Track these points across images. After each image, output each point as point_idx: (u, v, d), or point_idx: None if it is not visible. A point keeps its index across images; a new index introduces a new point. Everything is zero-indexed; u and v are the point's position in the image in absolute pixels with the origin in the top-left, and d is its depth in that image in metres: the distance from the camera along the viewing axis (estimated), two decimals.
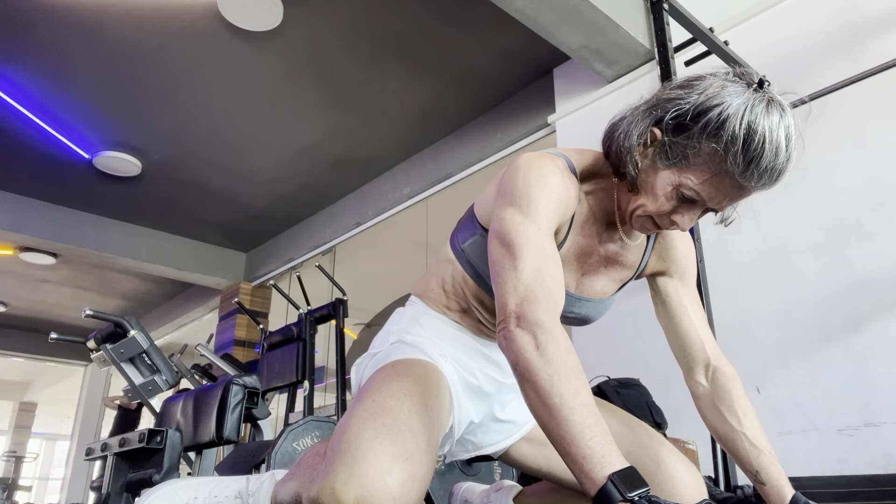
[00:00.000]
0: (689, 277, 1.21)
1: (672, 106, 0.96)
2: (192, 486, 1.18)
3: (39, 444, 12.43)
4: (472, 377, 1.14)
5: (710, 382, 1.15)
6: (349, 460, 0.80)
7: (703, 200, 0.95)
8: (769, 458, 1.05)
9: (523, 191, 0.98)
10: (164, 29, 3.21)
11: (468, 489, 1.52)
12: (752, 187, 0.92)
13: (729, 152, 0.89)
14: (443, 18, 3.14)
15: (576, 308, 1.12)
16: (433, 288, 1.19)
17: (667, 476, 1.07)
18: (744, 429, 1.08)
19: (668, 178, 0.96)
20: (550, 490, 1.29)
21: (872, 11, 2.28)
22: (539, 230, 0.95)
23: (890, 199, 2.11)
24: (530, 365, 0.83)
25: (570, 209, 1.02)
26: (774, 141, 0.88)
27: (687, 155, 0.93)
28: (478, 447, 1.22)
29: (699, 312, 1.18)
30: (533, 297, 0.89)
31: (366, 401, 0.91)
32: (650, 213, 1.00)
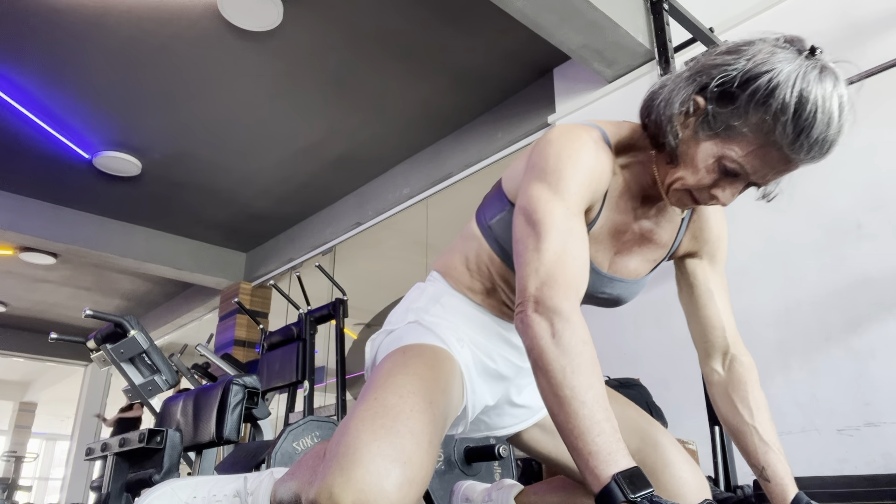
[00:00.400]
0: (719, 260, 1.16)
1: (718, 72, 0.90)
2: (190, 486, 1.17)
3: (39, 444, 12.43)
4: (491, 360, 1.12)
5: (726, 371, 1.13)
6: (347, 464, 0.80)
7: (747, 173, 0.91)
8: (777, 456, 1.03)
9: (554, 166, 0.94)
10: (164, 29, 3.21)
11: (469, 487, 1.52)
12: (801, 160, 0.87)
13: (778, 122, 0.84)
14: (443, 18, 3.14)
15: (608, 288, 1.08)
16: (456, 266, 1.14)
17: (673, 476, 1.07)
18: (755, 422, 1.06)
19: (710, 150, 0.91)
20: (552, 489, 1.29)
21: (872, 11, 2.28)
22: (568, 209, 0.92)
23: (890, 199, 2.11)
24: (545, 353, 0.83)
25: (604, 184, 0.98)
26: (827, 110, 0.83)
27: (732, 125, 0.88)
28: (490, 428, 1.21)
29: (725, 298, 1.14)
30: (553, 282, 0.87)
31: (368, 399, 0.90)
32: (689, 187, 0.95)
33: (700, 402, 1.98)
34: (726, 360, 1.13)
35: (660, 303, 2.63)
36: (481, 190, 1.17)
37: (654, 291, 2.69)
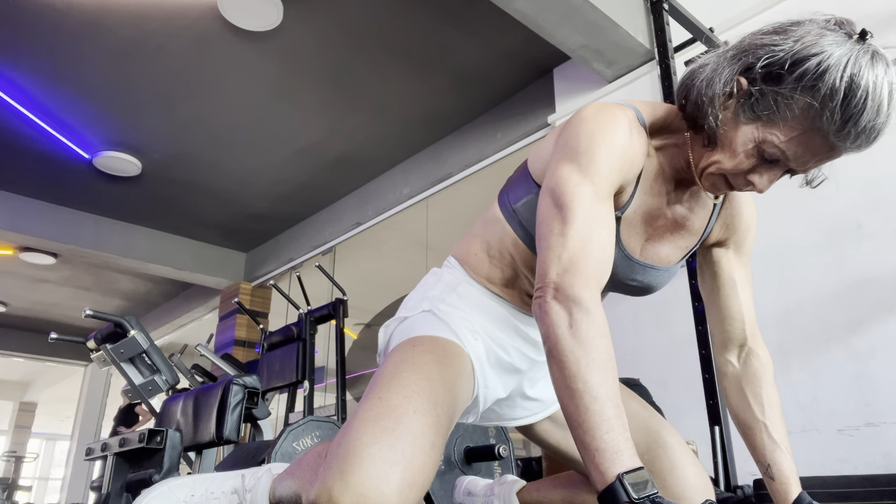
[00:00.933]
0: (745, 250, 1.14)
1: (764, 52, 0.86)
2: (188, 484, 1.17)
3: (39, 444, 12.43)
4: (505, 354, 1.09)
5: (741, 364, 1.11)
6: (347, 466, 0.80)
7: (787, 160, 0.88)
8: (784, 455, 1.03)
9: (586, 146, 0.91)
10: (164, 29, 3.21)
11: (471, 482, 1.53)
12: (846, 148, 0.85)
13: (826, 107, 0.82)
14: (443, 18, 3.14)
15: (639, 275, 1.05)
16: (476, 252, 1.10)
17: (679, 479, 1.07)
18: (766, 419, 1.05)
19: (751, 134, 0.88)
20: (554, 485, 1.29)
21: (872, 11, 2.28)
22: (597, 193, 0.89)
23: (890, 199, 2.11)
24: (560, 343, 0.81)
25: (637, 166, 0.95)
26: (878, 97, 0.81)
27: (776, 108, 0.85)
28: (501, 418, 1.20)
29: (748, 289, 1.12)
30: (576, 269, 0.85)
31: (372, 398, 0.89)
32: (725, 171, 0.93)
33: (700, 402, 1.98)
34: (742, 352, 1.12)
35: (660, 303, 2.63)
36: (481, 190, 1.16)
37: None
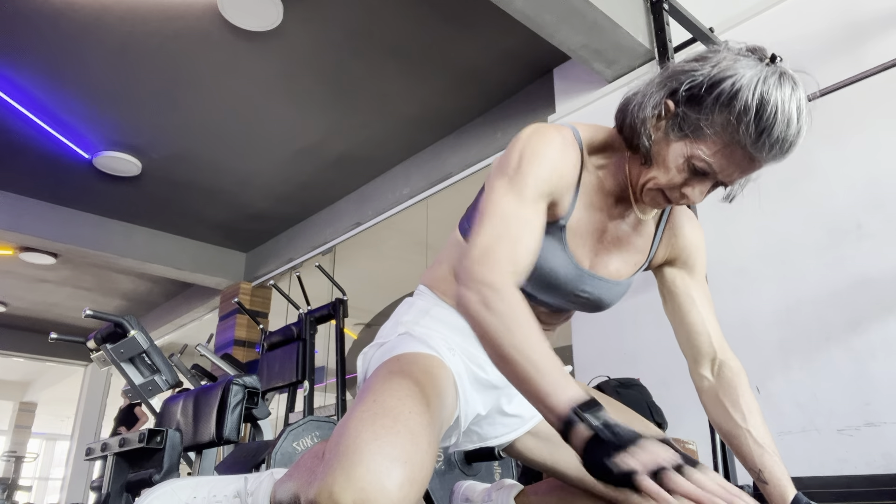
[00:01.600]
0: (697, 268, 1.19)
1: (686, 77, 0.96)
2: (190, 486, 1.18)
3: (39, 444, 12.43)
4: (482, 370, 1.13)
5: (715, 377, 1.15)
6: (347, 463, 0.80)
7: (714, 172, 0.96)
8: (773, 458, 1.05)
9: (517, 161, 0.99)
10: (164, 29, 3.21)
11: (469, 487, 1.52)
12: (763, 158, 0.92)
13: (741, 122, 0.90)
14: (443, 18, 3.14)
15: (588, 286, 1.10)
16: (444, 276, 1.16)
17: None
18: (748, 426, 1.08)
19: (681, 150, 0.96)
20: (552, 489, 1.29)
21: (872, 11, 2.28)
22: (522, 199, 0.96)
23: (890, 199, 2.11)
24: (481, 322, 0.88)
25: (568, 178, 1.02)
26: (786, 112, 0.89)
27: (700, 126, 0.94)
28: (483, 439, 1.21)
29: (707, 304, 1.17)
30: (487, 259, 0.92)
31: (366, 401, 0.91)
32: (661, 186, 1.00)
33: (700, 402, 1.98)
34: (714, 365, 1.16)
35: (660, 303, 2.63)
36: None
37: (653, 292, 2.69)
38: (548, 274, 1.06)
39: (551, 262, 1.05)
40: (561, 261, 1.06)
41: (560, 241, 1.05)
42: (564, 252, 1.06)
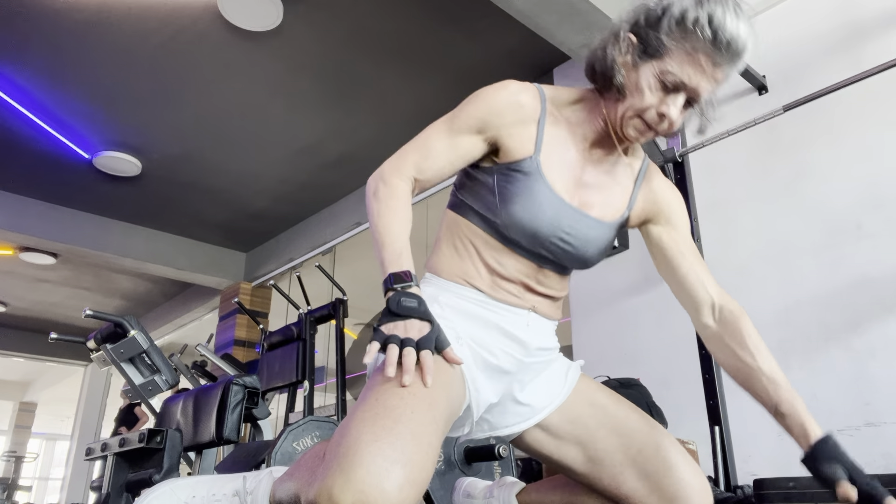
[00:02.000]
0: (680, 224, 1.24)
1: (641, 10, 1.09)
2: (190, 486, 1.18)
3: (39, 444, 12.43)
4: (492, 356, 1.13)
5: (717, 322, 1.18)
6: (347, 465, 0.80)
7: (684, 83, 1.05)
8: (788, 391, 1.09)
9: (462, 104, 1.15)
10: (164, 29, 3.21)
11: (471, 484, 1.52)
12: (723, 58, 1.03)
13: (697, 27, 1.01)
14: (443, 18, 3.14)
15: (573, 221, 1.13)
16: (445, 255, 1.18)
17: (676, 479, 1.07)
18: (759, 364, 1.11)
19: (650, 71, 1.06)
20: (553, 487, 1.29)
21: (872, 11, 2.28)
22: (448, 129, 1.13)
23: (890, 199, 2.11)
24: (368, 205, 1.10)
25: (515, 115, 1.11)
26: (731, 12, 1.02)
27: (662, 44, 1.05)
28: (494, 427, 1.20)
29: (695, 255, 1.22)
30: (396, 161, 1.11)
31: (369, 400, 0.91)
32: (638, 110, 1.07)
33: (700, 402, 1.98)
34: (714, 311, 1.18)
35: (660, 303, 2.63)
36: None
37: (653, 292, 2.69)
38: (532, 209, 1.09)
39: (536, 196, 1.10)
40: (543, 196, 1.10)
41: (538, 174, 1.10)
42: (544, 184, 1.10)
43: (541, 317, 1.18)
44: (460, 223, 1.17)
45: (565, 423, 1.17)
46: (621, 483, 1.09)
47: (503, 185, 1.10)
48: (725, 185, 2.52)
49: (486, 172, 1.14)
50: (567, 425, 1.16)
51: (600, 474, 1.11)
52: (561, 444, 1.17)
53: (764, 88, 2.48)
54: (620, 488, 1.09)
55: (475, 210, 1.14)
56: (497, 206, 1.10)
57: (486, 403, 1.13)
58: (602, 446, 1.12)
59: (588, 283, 2.78)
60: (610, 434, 1.13)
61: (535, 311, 1.16)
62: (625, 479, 1.09)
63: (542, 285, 1.15)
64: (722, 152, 2.54)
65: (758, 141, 2.46)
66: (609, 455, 1.11)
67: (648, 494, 1.07)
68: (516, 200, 1.09)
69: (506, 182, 1.10)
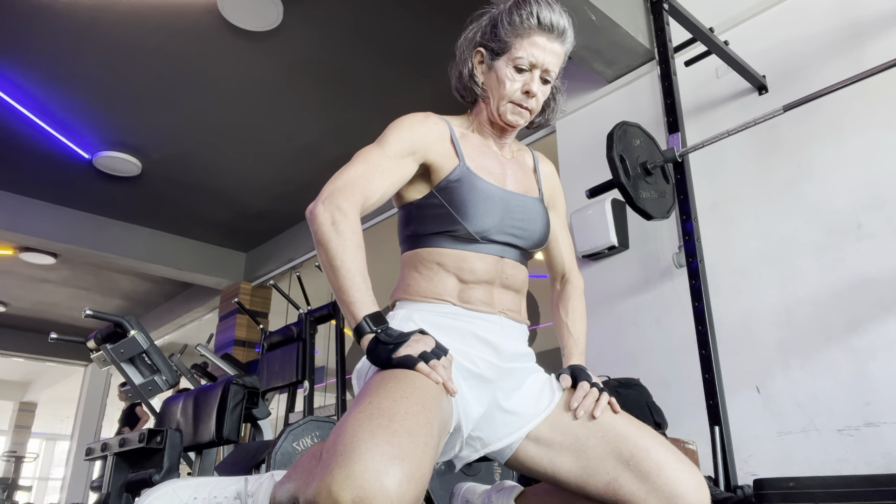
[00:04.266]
0: (559, 207, 1.47)
1: (478, 29, 1.34)
2: (191, 487, 1.18)
3: (39, 444, 12.43)
4: (472, 364, 1.17)
5: (561, 288, 1.48)
6: (345, 462, 0.81)
7: (532, 63, 1.27)
8: (573, 340, 1.39)
9: (384, 132, 1.26)
10: (163, 29, 3.21)
11: (469, 489, 1.52)
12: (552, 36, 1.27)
13: (522, 20, 1.25)
14: (443, 18, 3.14)
15: (517, 202, 1.29)
16: (413, 282, 1.25)
17: (668, 478, 1.07)
18: (567, 320, 1.42)
19: (503, 64, 1.28)
20: (552, 491, 1.29)
21: (872, 11, 2.28)
22: (382, 151, 1.22)
23: (890, 199, 2.11)
24: (325, 235, 1.10)
25: (434, 138, 1.27)
26: (541, 3, 1.26)
27: (503, 41, 1.27)
28: (485, 444, 1.21)
29: (566, 236, 1.49)
30: (344, 189, 1.15)
31: (362, 403, 0.93)
32: (506, 96, 1.28)
33: (700, 402, 1.98)
34: (563, 280, 1.49)
35: (660, 303, 2.63)
36: None
37: (653, 292, 2.69)
38: (486, 202, 1.23)
39: (482, 190, 1.24)
40: (487, 188, 1.26)
41: (474, 177, 1.26)
42: (481, 180, 1.26)
43: (512, 321, 1.26)
44: (420, 254, 1.25)
45: (556, 434, 1.18)
46: (617, 489, 1.09)
47: (450, 198, 1.23)
48: (725, 185, 2.52)
49: (429, 198, 1.26)
50: (558, 436, 1.17)
51: (596, 483, 1.11)
52: (554, 455, 1.17)
53: (764, 88, 2.48)
54: (618, 494, 1.09)
55: (432, 233, 1.24)
56: (454, 215, 1.22)
57: (473, 416, 1.16)
58: (594, 454, 1.12)
59: (588, 283, 2.77)
60: (600, 441, 1.13)
61: (505, 316, 1.24)
62: (622, 484, 1.09)
63: (506, 278, 1.26)
64: (722, 152, 2.54)
65: (758, 141, 2.46)
66: (602, 462, 1.11)
67: (646, 496, 1.07)
68: (468, 201, 1.22)
69: (450, 194, 1.23)
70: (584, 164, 3.03)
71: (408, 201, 1.29)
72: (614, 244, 2.76)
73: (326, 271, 1.11)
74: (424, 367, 1.01)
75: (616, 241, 2.76)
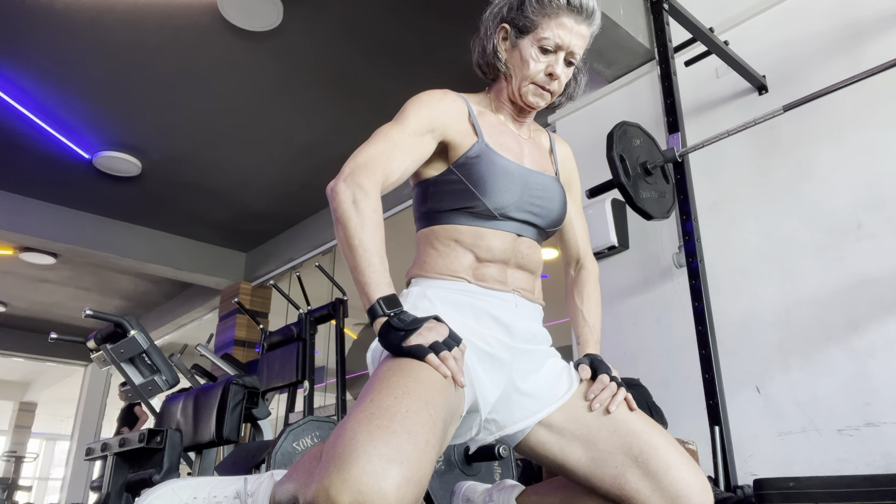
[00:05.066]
0: (574, 190, 1.46)
1: (504, 3, 1.30)
2: (191, 487, 1.18)
3: (39, 444, 12.43)
4: (486, 345, 1.16)
5: (575, 273, 1.46)
6: (343, 464, 0.80)
7: (558, 45, 1.24)
8: (589, 328, 1.38)
9: (402, 110, 1.23)
10: (163, 29, 3.21)
11: (470, 488, 1.52)
12: (580, 17, 1.24)
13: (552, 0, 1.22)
14: (443, 18, 3.14)
15: (536, 180, 1.27)
16: (430, 258, 1.23)
17: (675, 479, 1.07)
18: (583, 307, 1.40)
19: (528, 44, 1.26)
20: (553, 489, 1.29)
21: (872, 11, 2.28)
22: (403, 130, 1.18)
23: (890, 199, 2.11)
24: (345, 213, 1.08)
25: (453, 115, 1.25)
26: None
27: (530, 19, 1.24)
28: (501, 427, 1.20)
29: (581, 221, 1.47)
30: (365, 167, 1.12)
31: (364, 401, 0.92)
32: (530, 77, 1.26)
33: (700, 402, 1.98)
34: (578, 266, 1.47)
35: (660, 303, 2.63)
36: None
37: (653, 292, 2.69)
38: (504, 178, 1.22)
39: (501, 166, 1.23)
40: (506, 164, 1.24)
41: (493, 153, 1.24)
42: (500, 157, 1.25)
43: (526, 300, 1.25)
44: (435, 231, 1.24)
45: (569, 423, 1.17)
46: (623, 483, 1.09)
47: (469, 174, 1.21)
48: (725, 185, 2.52)
49: (446, 174, 1.24)
50: (570, 424, 1.17)
51: (603, 475, 1.11)
52: (565, 443, 1.17)
53: (764, 88, 2.48)
54: (623, 488, 1.09)
55: (450, 210, 1.23)
56: (473, 191, 1.20)
57: (490, 398, 1.15)
58: (604, 447, 1.13)
59: None
60: (612, 435, 1.13)
61: (519, 294, 1.23)
62: (627, 480, 1.09)
63: (521, 258, 1.25)
64: (722, 152, 2.54)
65: (758, 141, 2.46)
66: (611, 455, 1.11)
67: (651, 494, 1.07)
68: (487, 176, 1.21)
69: (469, 170, 1.21)
70: (584, 164, 3.02)
71: (424, 178, 1.27)
72: (614, 244, 2.76)
73: (343, 250, 1.08)
74: (434, 359, 1.00)
75: (616, 241, 2.76)
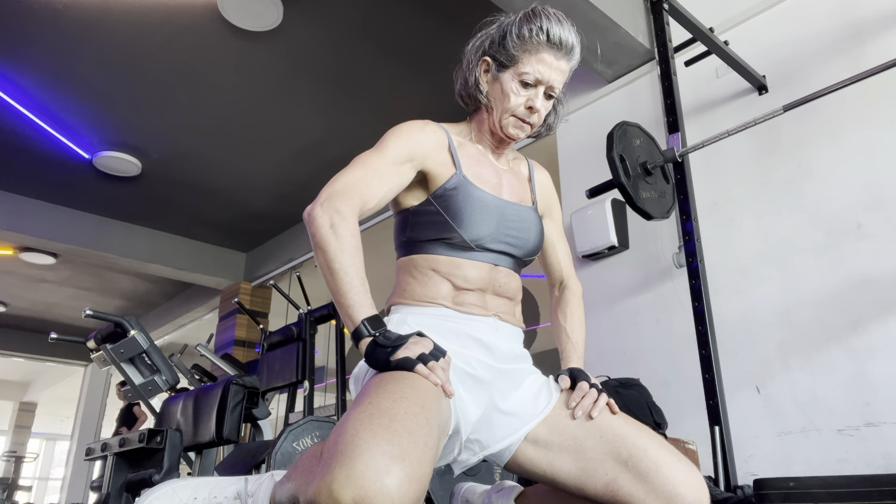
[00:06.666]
0: (555, 214, 1.48)
1: (486, 37, 1.34)
2: (191, 487, 1.18)
3: (39, 444, 12.43)
4: (468, 366, 1.17)
5: (559, 294, 1.49)
6: (346, 461, 0.81)
7: (538, 79, 1.27)
8: (572, 344, 1.40)
9: (383, 138, 1.26)
10: (163, 29, 3.21)
11: (469, 489, 1.52)
12: (560, 53, 1.27)
13: (532, 34, 1.25)
14: (443, 18, 3.14)
15: (512, 211, 1.30)
16: (409, 287, 1.25)
17: (667, 477, 1.07)
18: (566, 325, 1.43)
19: (509, 77, 1.28)
20: (552, 491, 1.29)
21: (872, 11, 2.28)
22: (382, 156, 1.22)
23: (890, 199, 2.11)
24: (324, 238, 1.10)
25: (432, 146, 1.27)
26: (551, 18, 1.26)
27: (511, 54, 1.27)
28: (484, 447, 1.21)
29: (563, 245, 1.49)
30: (342, 192, 1.15)
31: (362, 404, 0.93)
32: (510, 110, 1.29)
33: (700, 402, 1.98)
34: (561, 287, 1.50)
35: (660, 303, 2.63)
36: None
37: (653, 292, 2.69)
38: (481, 210, 1.24)
39: (478, 198, 1.25)
40: (483, 196, 1.26)
41: (470, 185, 1.26)
42: (477, 189, 1.27)
43: (506, 323, 1.26)
44: (414, 260, 1.26)
45: (554, 435, 1.17)
46: (616, 490, 1.08)
47: (447, 206, 1.23)
48: (725, 185, 2.52)
49: (425, 205, 1.26)
50: (556, 437, 1.17)
51: (595, 484, 1.11)
52: (553, 457, 1.16)
53: (764, 88, 2.48)
54: (617, 495, 1.08)
55: (428, 240, 1.25)
56: (450, 223, 1.22)
57: (472, 418, 1.15)
58: (592, 455, 1.12)
59: (588, 283, 2.78)
60: (599, 441, 1.13)
61: (499, 318, 1.25)
62: (620, 486, 1.08)
63: (499, 286, 1.26)
64: (722, 152, 2.54)
65: (758, 141, 2.46)
66: (601, 463, 1.11)
67: (645, 496, 1.06)
68: (464, 209, 1.22)
69: (447, 202, 1.23)
70: (584, 164, 3.03)
71: (404, 207, 1.29)
72: (614, 244, 2.76)
73: (324, 274, 1.11)
74: (423, 369, 1.02)
75: (616, 241, 2.76)
